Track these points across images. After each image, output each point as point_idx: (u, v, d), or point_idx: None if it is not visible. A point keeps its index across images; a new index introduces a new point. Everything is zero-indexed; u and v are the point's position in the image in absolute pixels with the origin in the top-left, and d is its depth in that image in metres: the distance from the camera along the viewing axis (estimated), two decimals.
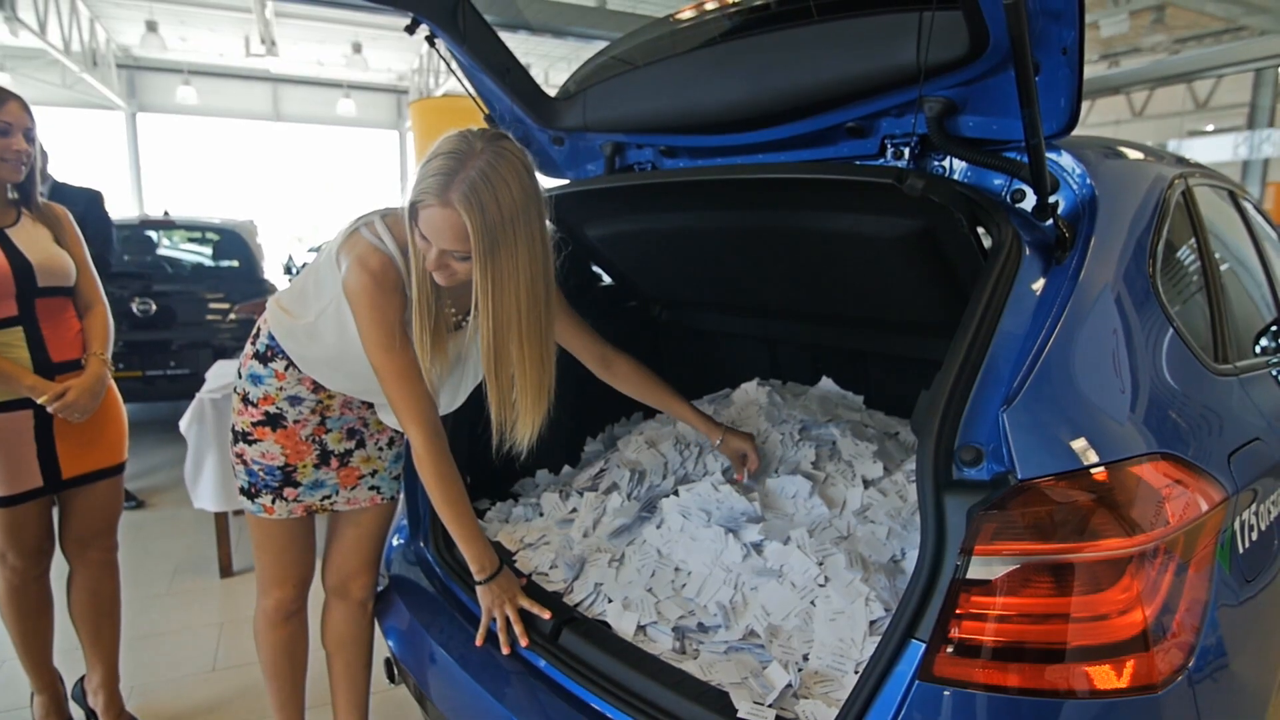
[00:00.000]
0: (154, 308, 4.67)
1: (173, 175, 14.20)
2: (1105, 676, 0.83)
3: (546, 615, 1.40)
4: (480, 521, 1.86)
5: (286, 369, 1.51)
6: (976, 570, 0.86)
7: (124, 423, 1.96)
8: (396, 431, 1.67)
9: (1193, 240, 1.42)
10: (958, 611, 0.86)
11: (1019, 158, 1.24)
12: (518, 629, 1.39)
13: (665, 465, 1.83)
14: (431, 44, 1.76)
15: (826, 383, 1.97)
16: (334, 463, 1.58)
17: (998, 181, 1.30)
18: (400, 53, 13.32)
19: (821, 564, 1.41)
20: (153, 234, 5.36)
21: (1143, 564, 0.85)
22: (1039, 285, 1.11)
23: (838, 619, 1.32)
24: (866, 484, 1.58)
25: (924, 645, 0.90)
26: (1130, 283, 1.14)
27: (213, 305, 4.99)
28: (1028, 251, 1.14)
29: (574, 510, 1.84)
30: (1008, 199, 1.28)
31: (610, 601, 1.48)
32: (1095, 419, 0.94)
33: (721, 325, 2.19)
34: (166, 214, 5.36)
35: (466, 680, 1.41)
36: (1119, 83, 10.05)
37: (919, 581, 0.93)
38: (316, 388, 1.53)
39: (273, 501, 1.55)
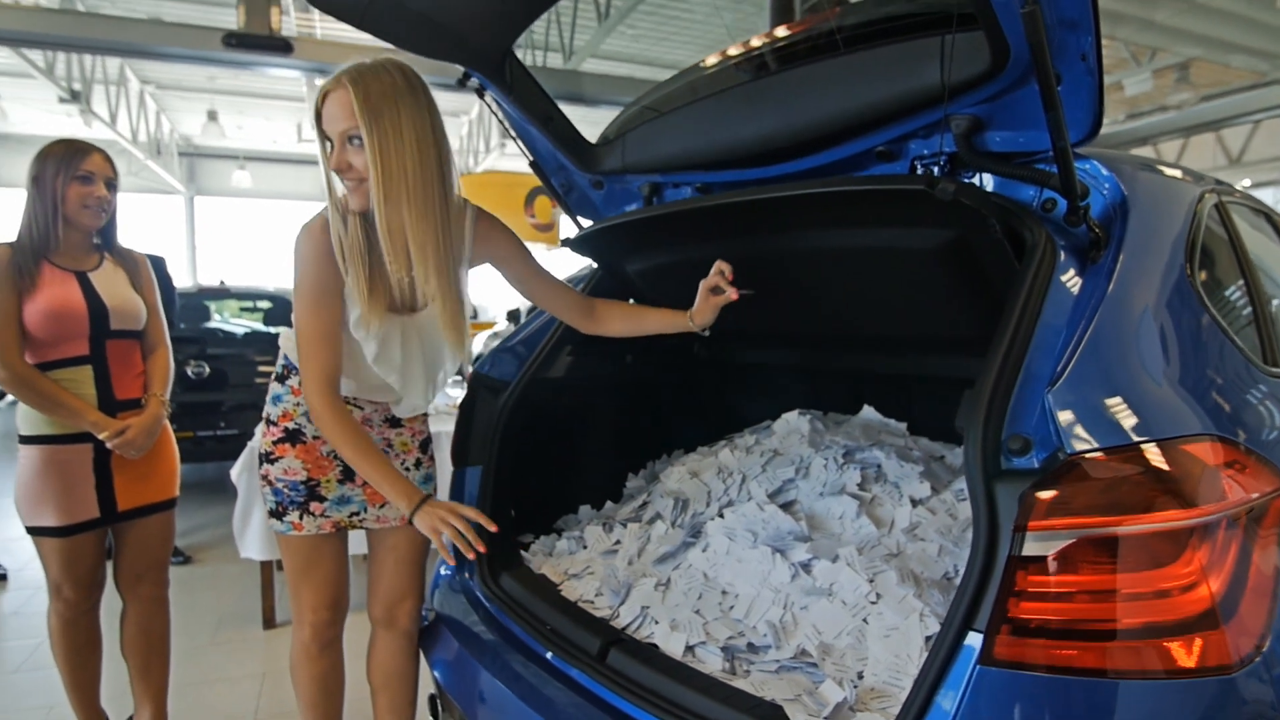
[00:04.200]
0: (207, 371, 4.85)
1: (225, 251, 14.92)
2: (1174, 655, 0.80)
3: (494, 529, 1.41)
4: (524, 554, 1.88)
5: (301, 385, 1.57)
6: (1031, 547, 0.85)
7: (176, 460, 2.04)
8: (423, 452, 1.69)
9: (1230, 247, 1.43)
10: (1015, 589, 0.85)
11: (1048, 169, 1.27)
12: (470, 536, 1.36)
13: (709, 493, 1.83)
14: (480, 95, 1.88)
15: (868, 411, 1.97)
16: (359, 479, 1.59)
17: (1028, 193, 1.33)
18: None
19: (872, 581, 1.39)
20: (209, 303, 5.62)
21: (1205, 538, 0.83)
22: (1077, 281, 1.12)
23: (892, 635, 1.29)
24: (915, 503, 1.56)
25: (982, 635, 0.89)
26: (1169, 280, 1.15)
27: (261, 369, 5.17)
28: (1063, 254, 1.17)
29: (617, 542, 1.84)
30: (1039, 209, 1.31)
31: (657, 623, 1.46)
32: (1144, 399, 0.94)
33: (760, 358, 2.22)
34: (222, 283, 5.63)
35: (517, 705, 1.39)
36: (1146, 134, 10.08)
37: (974, 570, 0.92)
38: None
39: (300, 518, 1.57)
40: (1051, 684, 0.83)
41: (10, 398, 7.91)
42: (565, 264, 2.02)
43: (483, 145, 13.30)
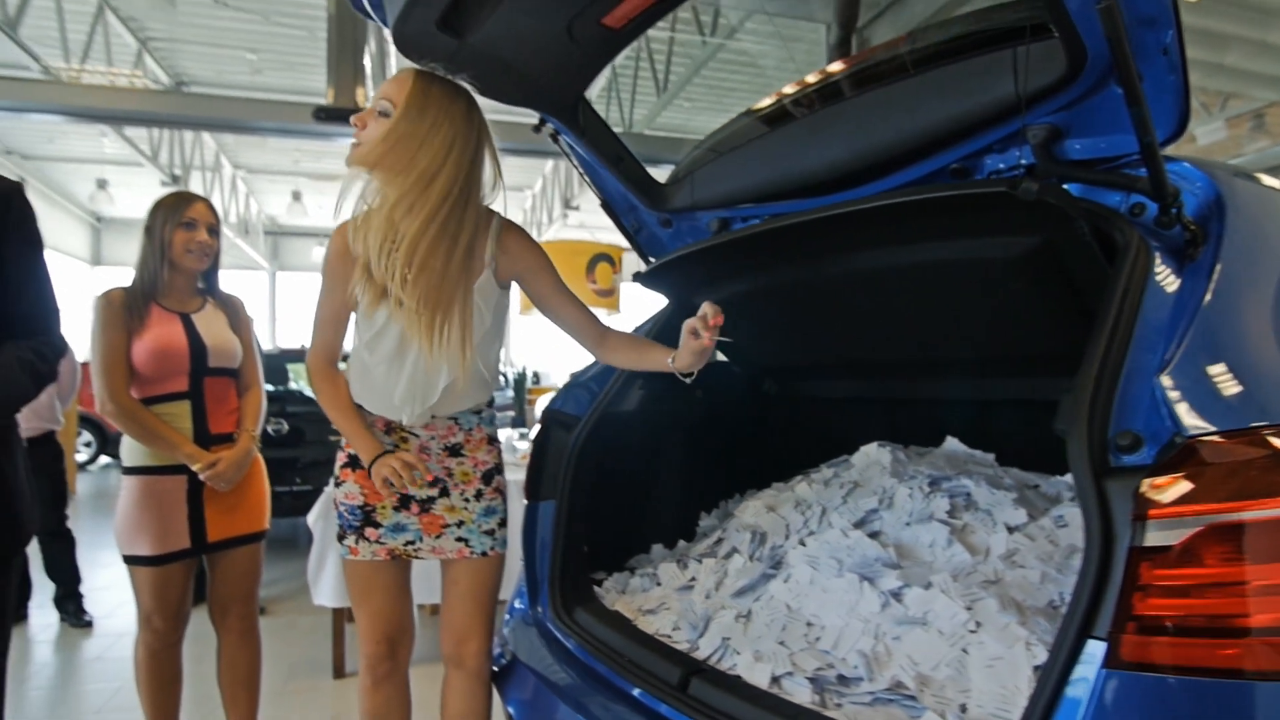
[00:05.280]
0: (286, 428, 5.04)
1: (304, 322, 15.72)
2: None
3: (429, 477, 1.55)
4: (597, 590, 1.85)
5: (360, 410, 1.61)
6: (1154, 536, 0.79)
7: (266, 494, 2.10)
8: (486, 483, 1.67)
9: None
10: (1140, 583, 0.79)
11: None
12: (406, 474, 1.47)
13: (787, 526, 1.77)
14: (555, 140, 1.97)
15: (952, 442, 1.89)
16: (414, 508, 1.60)
17: (1114, 200, 1.29)
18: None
19: (970, 609, 1.31)
20: (289, 365, 5.89)
21: None
22: (1176, 278, 1.08)
23: (996, 665, 1.21)
24: (1010, 530, 1.48)
25: (1105, 642, 0.82)
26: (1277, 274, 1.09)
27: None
28: (1158, 254, 1.12)
29: (693, 578, 1.79)
30: (1127, 214, 1.27)
31: (739, 654, 1.40)
32: (1263, 384, 0.89)
33: (834, 390, 2.17)
34: (303, 347, 5.89)
35: None
36: None
37: (1089, 573, 0.86)
38: (388, 429, 1.60)
39: (356, 542, 1.59)
40: (1186, 686, 0.76)
41: (104, 459, 8.30)
42: (628, 322, 2.04)
43: (546, 218, 13.79)
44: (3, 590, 1.38)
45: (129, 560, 1.89)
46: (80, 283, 13.35)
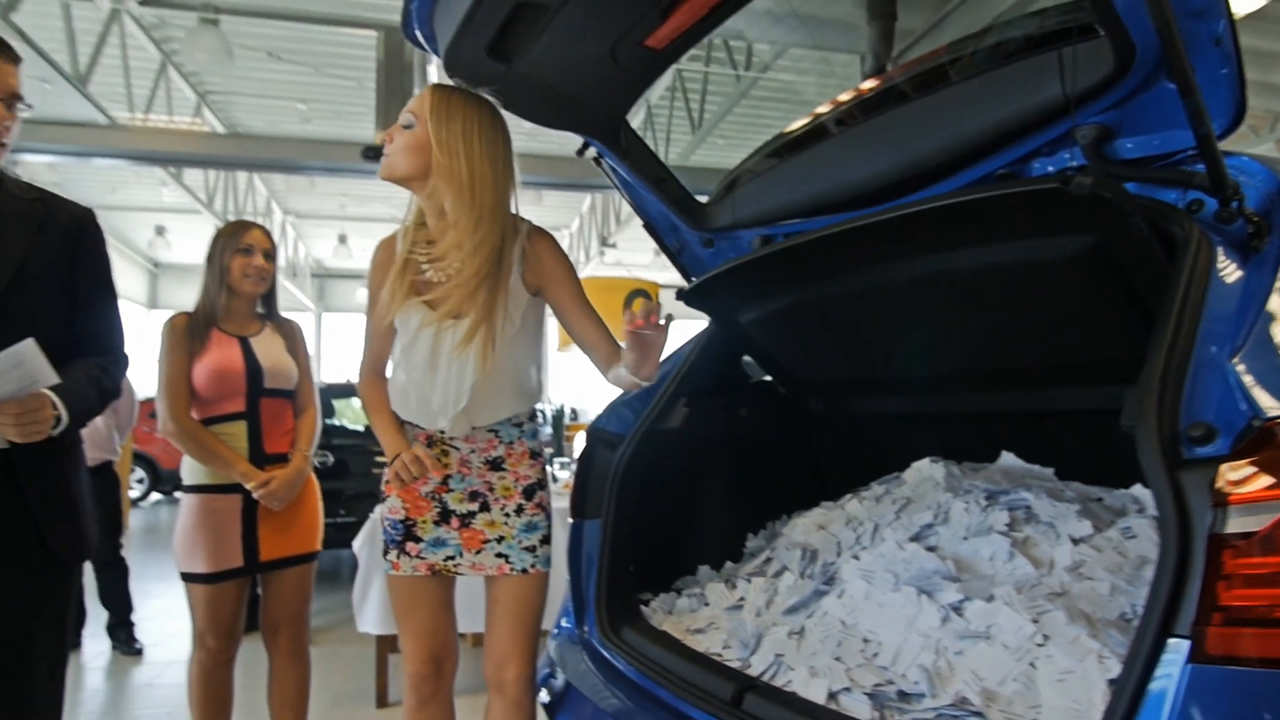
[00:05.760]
0: (331, 460, 5.12)
1: (348, 361, 16.09)
2: None
3: (437, 474, 1.57)
4: (643, 610, 1.82)
5: (403, 424, 1.64)
6: (1236, 523, 0.76)
7: (318, 515, 2.13)
8: (527, 498, 1.65)
9: None
10: (1224, 573, 0.75)
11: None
12: (416, 469, 1.51)
13: (838, 544, 1.73)
14: (598, 163, 2.01)
15: (1008, 458, 1.83)
16: (455, 522, 1.60)
17: (1170, 197, 1.27)
18: None
19: (1037, 622, 1.25)
20: (335, 400, 6.02)
21: None
22: (1242, 269, 1.05)
23: (1067, 679, 1.15)
24: (1075, 541, 1.42)
25: (1188, 640, 0.78)
26: None
27: (379, 459, 5.42)
28: (1220, 247, 1.10)
29: (741, 598, 1.76)
30: (1185, 210, 1.24)
31: (793, 670, 1.37)
32: None
33: (882, 407, 2.13)
34: (349, 381, 6.02)
35: None
36: None
37: (1166, 567, 0.82)
38: (430, 443, 1.61)
39: (398, 557, 1.60)
40: (1278, 680, 0.71)
41: (155, 495, 8.51)
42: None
43: (583, 256, 13.98)
44: (65, 599, 1.42)
45: (185, 577, 1.94)
46: (138, 325, 13.88)
